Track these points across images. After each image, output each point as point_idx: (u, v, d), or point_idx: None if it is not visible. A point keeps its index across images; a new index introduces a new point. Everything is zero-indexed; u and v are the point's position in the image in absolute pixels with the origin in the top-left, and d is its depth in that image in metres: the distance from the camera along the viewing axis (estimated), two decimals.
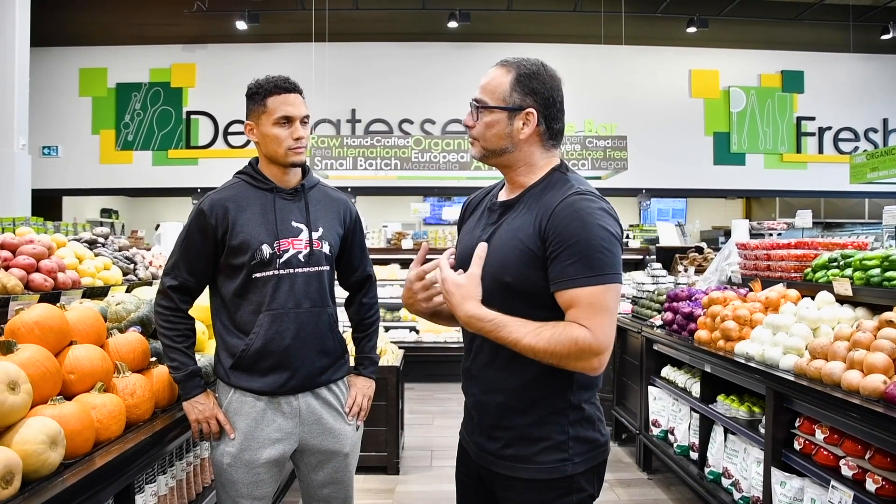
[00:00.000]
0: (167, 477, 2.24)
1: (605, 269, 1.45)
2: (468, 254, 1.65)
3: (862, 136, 10.73)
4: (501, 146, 1.59)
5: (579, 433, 1.58)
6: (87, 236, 3.05)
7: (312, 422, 2.12)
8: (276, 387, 2.05)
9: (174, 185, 10.49)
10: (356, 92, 10.20)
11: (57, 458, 1.60)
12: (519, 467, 1.58)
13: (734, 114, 10.63)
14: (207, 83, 10.47)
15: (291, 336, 2.05)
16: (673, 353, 4.01)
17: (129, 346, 2.17)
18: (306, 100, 2.15)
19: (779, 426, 2.82)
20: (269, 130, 2.06)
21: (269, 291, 2.04)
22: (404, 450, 4.88)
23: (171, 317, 2.08)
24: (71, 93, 10.51)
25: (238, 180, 2.15)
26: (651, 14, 10.22)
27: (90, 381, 1.92)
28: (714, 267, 4.57)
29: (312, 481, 2.19)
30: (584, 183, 1.58)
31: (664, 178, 10.49)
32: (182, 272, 2.08)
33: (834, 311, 3.05)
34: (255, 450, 2.05)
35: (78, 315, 2.07)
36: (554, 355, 1.44)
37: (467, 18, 9.78)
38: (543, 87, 1.56)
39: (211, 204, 2.06)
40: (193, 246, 2.07)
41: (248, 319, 2.05)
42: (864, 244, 3.75)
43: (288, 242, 2.08)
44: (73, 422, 1.70)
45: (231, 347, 2.07)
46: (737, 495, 3.19)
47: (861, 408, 2.26)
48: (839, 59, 10.66)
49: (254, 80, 2.10)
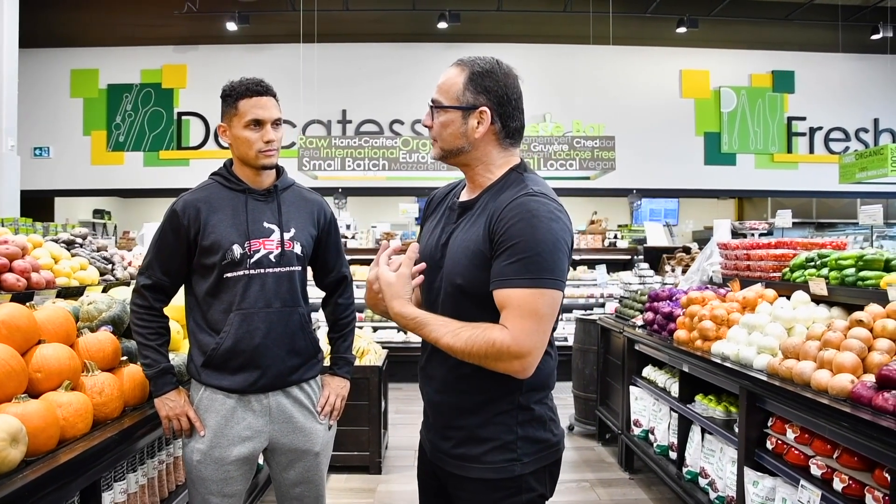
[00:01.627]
0: (137, 475, 2.24)
1: (543, 273, 1.43)
2: (429, 253, 1.67)
3: (853, 135, 10.77)
4: (458, 145, 1.60)
5: (528, 433, 1.57)
6: (65, 237, 3.06)
7: (282, 420, 2.13)
8: (245, 385, 2.07)
9: (165, 186, 10.47)
10: (346, 92, 10.20)
11: (18, 455, 1.61)
12: (468, 466, 1.58)
13: (725, 114, 10.66)
14: (198, 84, 10.47)
15: (261, 335, 2.06)
16: (653, 352, 4.02)
17: (99, 346, 2.17)
18: (297, 100, 2.17)
19: (752, 426, 2.84)
20: (239, 133, 2.08)
21: (239, 291, 2.06)
22: (388, 449, 4.88)
23: (145, 315, 2.11)
24: (62, 94, 10.50)
25: (212, 181, 2.18)
26: (641, 14, 10.24)
27: (57, 380, 1.93)
28: (696, 267, 4.59)
29: (284, 480, 2.20)
30: (540, 183, 1.57)
31: (655, 179, 10.51)
32: (156, 271, 2.11)
33: (809, 311, 3.07)
34: (224, 447, 2.07)
35: (47, 314, 2.08)
36: (472, 355, 1.44)
37: (457, 19, 9.79)
38: (497, 86, 1.56)
39: (184, 205, 2.09)
40: (167, 246, 2.10)
41: (219, 318, 2.07)
42: (842, 244, 3.77)
43: (259, 243, 2.10)
44: (36, 419, 1.71)
45: (203, 345, 2.09)
46: (713, 495, 3.20)
47: (829, 407, 2.28)
48: (830, 59, 10.69)
49: (228, 82, 2.11)
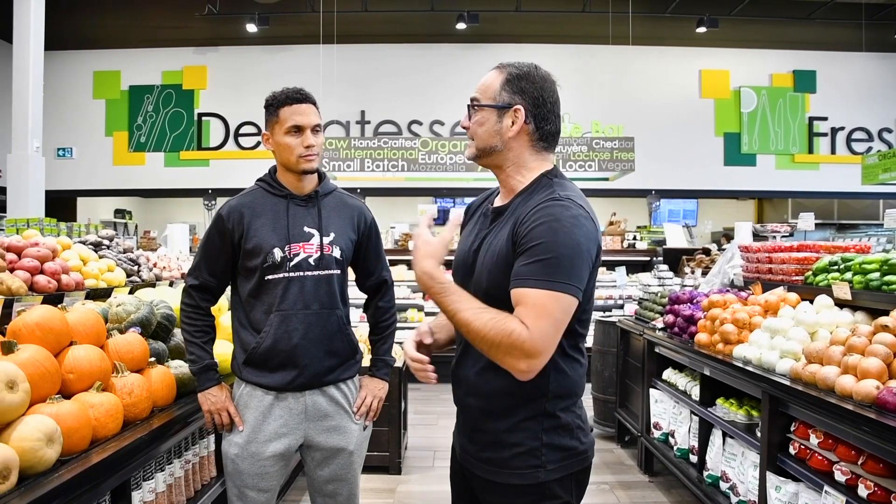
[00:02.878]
0: (165, 474, 2.28)
1: (560, 276, 1.42)
2: (462, 258, 1.71)
3: (876, 136, 10.63)
4: (491, 144, 1.61)
5: (553, 440, 1.57)
6: (92, 238, 3.11)
7: (317, 418, 2.20)
8: (283, 383, 2.15)
9: (186, 186, 10.60)
10: (365, 93, 10.26)
11: (53, 454, 1.65)
12: (493, 471, 1.60)
13: (745, 114, 10.57)
14: (219, 85, 10.58)
15: (299, 336, 2.14)
16: (673, 355, 4.01)
17: (128, 347, 2.22)
18: (316, 101, 2.23)
19: (774, 430, 2.83)
20: (281, 139, 2.17)
21: (279, 293, 2.14)
22: (407, 450, 4.91)
23: (192, 313, 2.23)
24: (85, 95, 10.65)
25: (257, 187, 2.27)
26: (660, 14, 10.18)
27: (89, 381, 1.97)
28: (717, 269, 4.56)
29: (318, 477, 2.27)
30: (569, 188, 1.57)
31: (674, 179, 10.45)
32: (203, 273, 2.23)
33: (832, 315, 3.04)
34: (261, 443, 2.15)
35: (78, 316, 2.12)
36: (486, 340, 1.42)
37: (476, 20, 9.79)
38: (533, 87, 1.59)
39: (229, 210, 2.20)
40: (213, 248, 2.21)
41: (260, 318, 2.16)
42: (866, 247, 3.73)
43: (299, 247, 2.17)
44: (70, 420, 1.75)
45: (245, 344, 2.19)
46: (734, 499, 3.19)
47: (854, 413, 2.26)
48: (852, 59, 10.56)
49: (270, 92, 2.21)
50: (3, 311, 2.19)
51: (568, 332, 1.55)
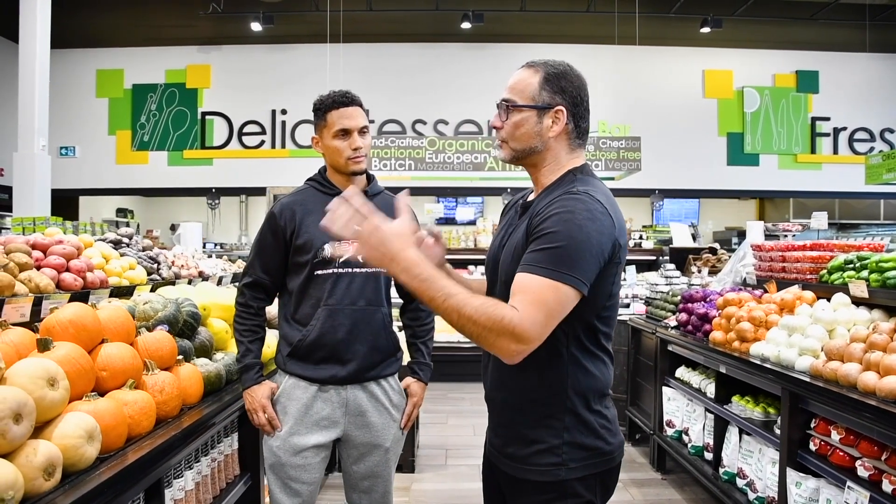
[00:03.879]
0: (193, 472, 2.29)
1: (562, 267, 1.40)
2: (492, 254, 1.73)
3: (878, 136, 10.67)
4: (531, 145, 1.60)
5: (576, 439, 1.55)
6: (111, 236, 3.12)
7: (356, 413, 2.25)
8: (326, 376, 2.21)
9: (189, 185, 10.61)
10: (370, 92, 10.18)
11: (94, 452, 1.65)
12: (516, 466, 1.60)
13: (748, 114, 10.61)
14: (222, 84, 10.58)
15: (345, 331, 2.19)
16: (688, 353, 4.02)
17: (157, 345, 2.22)
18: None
19: (794, 427, 2.84)
20: (330, 143, 2.24)
21: (328, 288, 2.20)
22: (419, 448, 4.92)
23: (243, 312, 2.31)
24: (88, 94, 10.65)
25: (307, 186, 2.34)
26: (665, 14, 10.20)
27: (121, 379, 1.97)
28: (729, 268, 4.58)
29: (354, 472, 2.31)
30: (590, 184, 1.55)
31: (677, 179, 10.48)
32: (256, 270, 2.29)
33: (850, 313, 3.06)
34: (303, 434, 2.21)
35: (109, 314, 2.12)
36: (477, 324, 1.37)
37: (480, 19, 9.80)
38: (571, 86, 1.58)
39: (281, 207, 2.26)
40: (266, 245, 2.27)
41: (308, 313, 2.22)
42: (880, 246, 3.74)
43: (349, 243, 2.17)
44: (107, 417, 1.75)
45: (290, 337, 2.24)
46: (752, 495, 3.20)
47: (878, 409, 2.28)
48: (855, 59, 10.60)
49: (318, 97, 2.27)
50: (32, 308, 2.19)
51: (587, 328, 1.55)
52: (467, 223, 12.17)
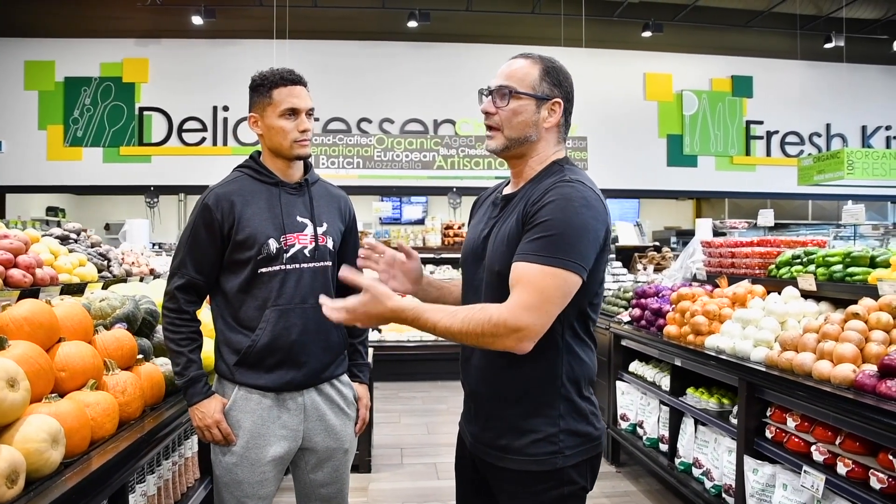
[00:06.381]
0: (155, 477, 2.19)
1: (559, 253, 1.42)
2: (471, 247, 1.71)
3: (807, 139, 11.16)
4: (526, 134, 1.60)
5: (570, 426, 1.58)
6: (58, 232, 2.95)
7: (316, 419, 2.10)
8: (281, 383, 2.03)
9: (126, 183, 10.19)
10: (315, 89, 9.81)
11: (58, 456, 1.56)
12: (510, 458, 1.59)
13: (687, 117, 10.92)
14: (161, 79, 10.20)
15: (298, 332, 2.02)
16: (642, 348, 4.11)
17: (116, 343, 2.11)
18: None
19: (751, 416, 2.93)
20: (274, 122, 2.04)
21: (275, 286, 2.01)
22: (374, 448, 4.87)
23: (176, 319, 2.03)
24: (15, 86, 10.08)
25: (241, 174, 2.12)
26: (608, 17, 10.41)
27: (81, 379, 1.87)
28: (679, 264, 4.71)
29: (312, 481, 2.15)
30: (578, 173, 1.58)
31: (619, 180, 10.69)
32: (189, 269, 2.03)
33: (800, 306, 3.18)
34: (261, 448, 2.02)
35: (65, 311, 2.01)
36: (470, 334, 1.41)
37: (427, 18, 9.77)
38: (566, 82, 1.64)
39: (216, 198, 2.02)
40: (200, 242, 2.02)
41: (253, 315, 2.01)
42: (822, 242, 3.92)
43: (294, 237, 2.06)
44: (70, 420, 1.66)
45: (235, 344, 2.03)
46: (708, 484, 3.29)
47: (833, 395, 2.37)
48: (786, 66, 11.05)
49: (257, 72, 2.08)
50: None
51: (580, 315, 1.57)
52: (414, 222, 12.14)
